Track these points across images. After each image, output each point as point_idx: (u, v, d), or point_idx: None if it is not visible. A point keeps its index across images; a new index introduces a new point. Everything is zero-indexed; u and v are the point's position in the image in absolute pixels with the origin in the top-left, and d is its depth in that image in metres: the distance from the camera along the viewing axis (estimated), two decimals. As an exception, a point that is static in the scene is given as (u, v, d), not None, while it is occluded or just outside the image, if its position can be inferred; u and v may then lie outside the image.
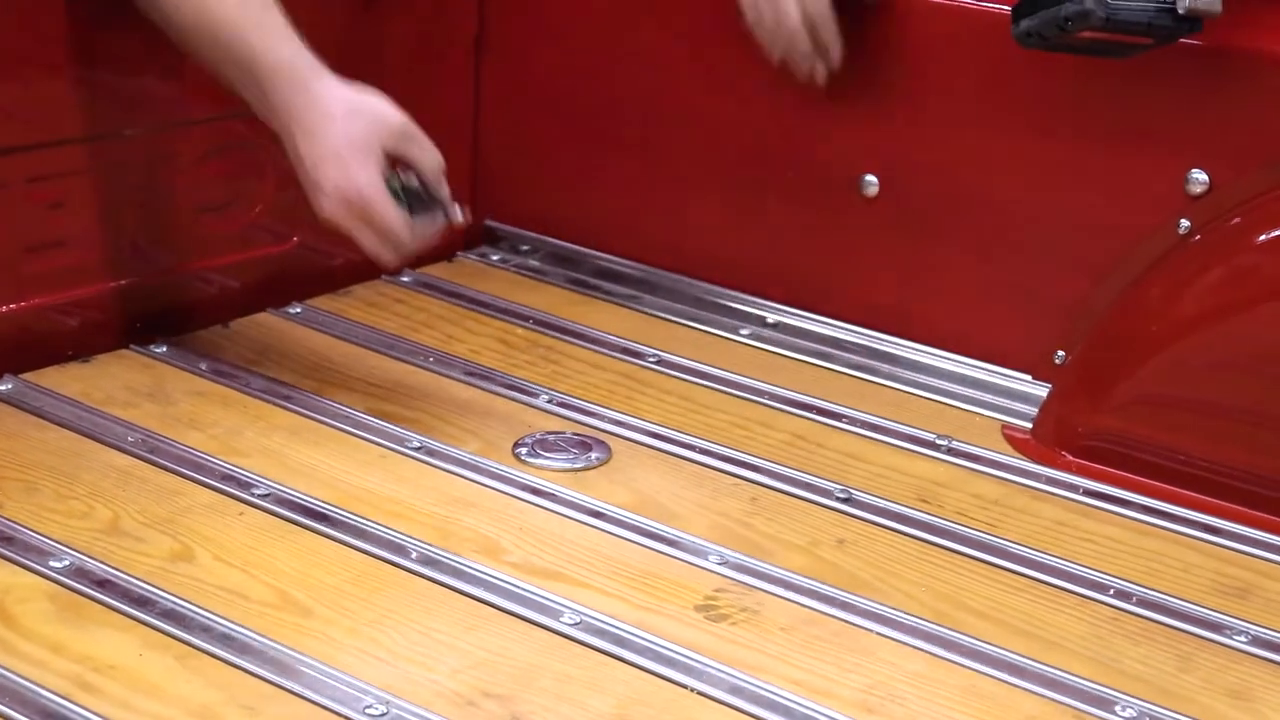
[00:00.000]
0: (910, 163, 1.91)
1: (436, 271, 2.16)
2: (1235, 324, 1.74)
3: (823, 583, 1.51)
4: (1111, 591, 1.53)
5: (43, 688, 1.30)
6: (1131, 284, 1.78)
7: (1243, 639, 1.47)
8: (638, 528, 1.59)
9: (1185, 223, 1.75)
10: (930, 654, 1.43)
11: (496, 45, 2.17)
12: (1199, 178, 1.74)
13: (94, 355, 1.86)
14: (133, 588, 1.45)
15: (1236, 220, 1.73)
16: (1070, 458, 1.75)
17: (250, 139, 1.96)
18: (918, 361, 1.93)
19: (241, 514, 1.58)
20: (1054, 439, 1.78)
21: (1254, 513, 1.66)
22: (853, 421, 1.81)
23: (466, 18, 2.15)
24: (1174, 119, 1.75)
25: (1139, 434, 1.74)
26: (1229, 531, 1.65)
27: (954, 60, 1.88)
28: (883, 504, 1.65)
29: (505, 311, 2.05)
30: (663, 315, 2.06)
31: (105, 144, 1.85)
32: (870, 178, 1.92)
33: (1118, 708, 1.37)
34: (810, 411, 1.83)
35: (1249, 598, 1.54)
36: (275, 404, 1.79)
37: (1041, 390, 1.84)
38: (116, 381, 1.82)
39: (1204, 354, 1.74)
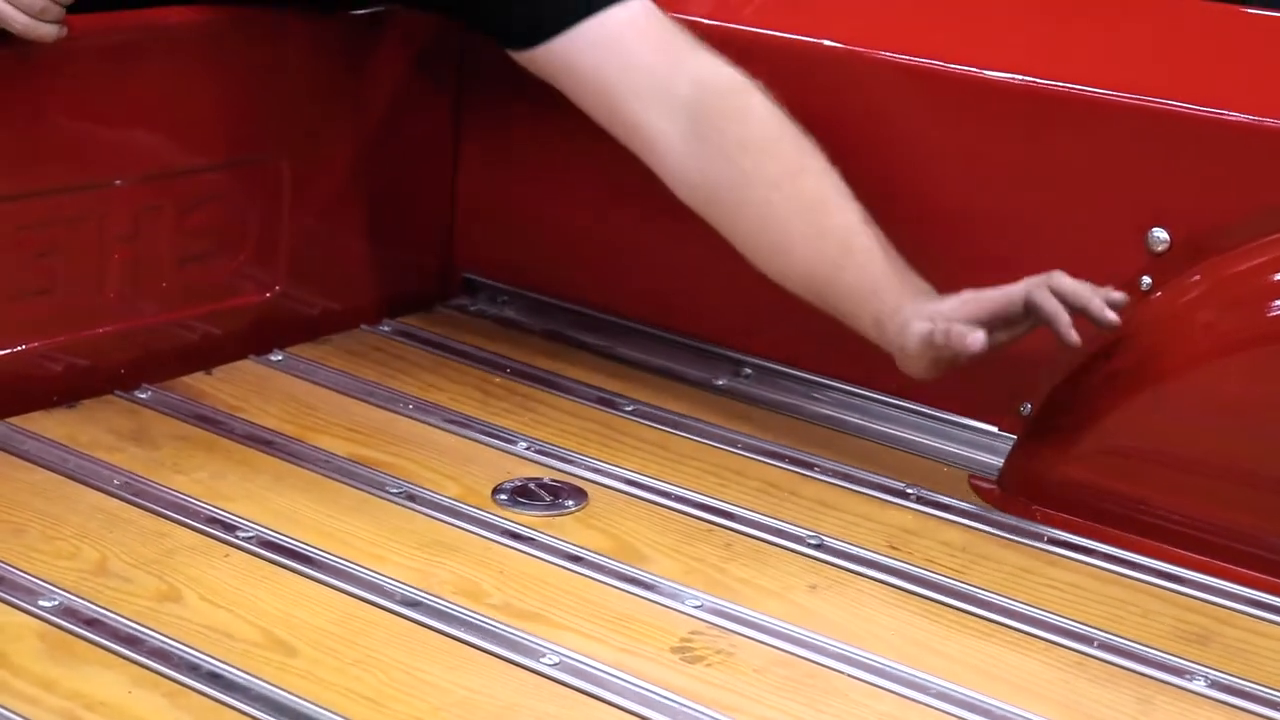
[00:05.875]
0: (881, 218, 1.95)
1: (415, 321, 2.19)
2: (1194, 378, 1.77)
3: (796, 626, 1.55)
4: (1075, 636, 1.57)
5: (35, 724, 1.33)
6: (1095, 338, 1.82)
7: (1202, 683, 1.51)
8: (615, 572, 1.62)
9: (1147, 279, 1.80)
10: (900, 695, 1.46)
11: (476, 99, 2.21)
12: (1160, 236, 1.79)
13: (79, 400, 1.89)
14: (121, 627, 1.47)
15: (1196, 278, 1.78)
16: (1035, 507, 1.79)
17: (234, 190, 2.01)
18: (887, 413, 1.97)
19: (227, 556, 1.61)
20: (1020, 489, 1.81)
21: (1213, 561, 1.70)
22: (825, 471, 1.85)
23: (447, 72, 2.19)
24: (1136, 179, 1.80)
25: (1102, 484, 1.77)
26: (1189, 579, 1.69)
27: (923, 118, 1.92)
28: (854, 550, 1.69)
29: (483, 361, 2.09)
30: (638, 365, 2.10)
31: (93, 194, 1.88)
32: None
33: (1082, 749, 1.41)
34: (783, 460, 1.87)
35: (1208, 643, 1.58)
36: (258, 449, 1.82)
37: (1007, 442, 1.87)
38: (102, 426, 1.85)
39: (1165, 407, 1.78)
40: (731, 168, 1.81)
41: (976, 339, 1.64)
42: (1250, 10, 1.88)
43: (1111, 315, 1.66)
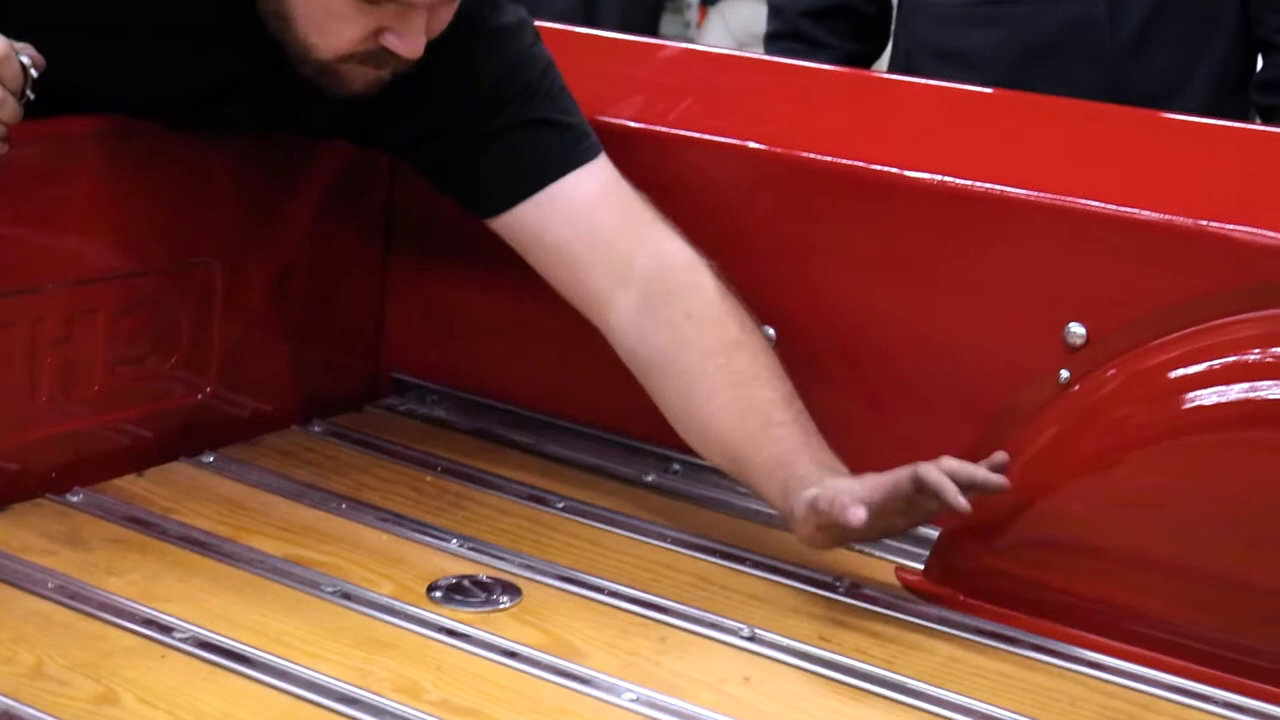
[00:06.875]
0: (805, 317, 1.99)
1: (345, 422, 2.21)
2: (1113, 470, 1.81)
3: (731, 717, 1.57)
4: (1004, 724, 1.60)
5: (-24, 827, 1.33)
6: (1015, 431, 1.87)
7: (1129, 769, 1.54)
8: (552, 666, 1.64)
9: (1065, 373, 1.84)
10: (835, 785, 1.49)
11: (405, 202, 2.24)
12: (1077, 331, 1.84)
13: (10, 504, 1.89)
14: (60, 730, 1.48)
15: (1112, 371, 1.83)
16: (961, 597, 1.82)
17: (166, 294, 2.02)
18: (815, 506, 1.99)
19: (164, 657, 1.61)
20: (945, 579, 1.84)
21: (1135, 649, 1.74)
22: (755, 564, 1.87)
23: (377, 175, 2.22)
24: (1053, 276, 1.85)
25: (1025, 574, 1.81)
26: (1113, 667, 1.72)
27: (848, 220, 1.97)
28: (786, 642, 1.71)
29: (414, 460, 2.10)
30: (568, 463, 2.12)
31: (25, 298, 1.89)
32: (768, 330, 2.00)
33: (1014, 834, 1.44)
34: (714, 555, 1.89)
35: (1133, 730, 1.61)
36: (192, 550, 1.83)
37: (932, 533, 1.90)
38: (34, 530, 1.85)
39: (1084, 499, 1.82)
40: (673, 336, 1.86)
41: (857, 513, 1.67)
42: (1165, 115, 1.95)
43: (998, 478, 1.72)
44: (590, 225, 1.90)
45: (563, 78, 1.96)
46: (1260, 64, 2.48)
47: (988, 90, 2.11)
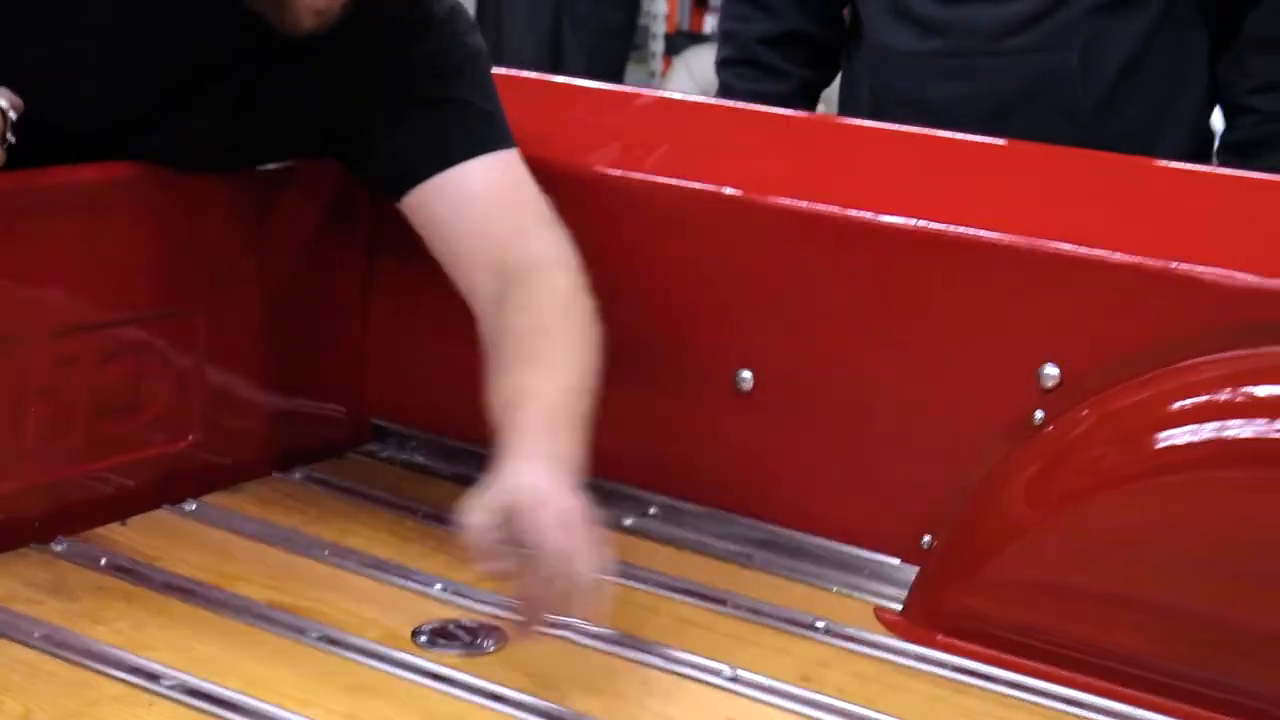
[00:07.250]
0: (783, 359, 2.02)
1: (326, 468, 2.22)
2: (1086, 510, 1.83)
3: (716, 757, 1.59)
4: (985, 761, 1.62)
5: None
6: (991, 472, 1.89)
7: (1108, 803, 1.56)
8: (537, 709, 1.65)
9: (1039, 414, 1.87)
10: (820, 823, 1.50)
11: (385, 248, 2.26)
12: (1051, 372, 1.87)
13: (-6, 553, 1.90)
14: (50, 778, 1.49)
15: (1086, 412, 1.85)
16: (940, 637, 1.84)
17: (151, 343, 2.04)
18: (794, 547, 2.01)
19: (151, 704, 1.62)
20: (924, 619, 1.86)
21: (1113, 686, 1.76)
22: (736, 606, 1.89)
23: (357, 222, 2.24)
24: (1027, 318, 1.88)
25: (1002, 614, 1.83)
26: (1088, 703, 1.74)
27: (825, 264, 2.00)
28: (768, 682, 1.73)
29: (396, 505, 2.12)
30: (548, 507, 2.14)
31: (8, 348, 1.90)
32: (745, 373, 2.03)
33: None
34: (694, 596, 1.91)
35: (1111, 764, 1.64)
36: (177, 598, 1.84)
37: (910, 573, 1.92)
38: (18, 579, 1.85)
39: (1059, 538, 1.84)
40: (500, 321, 1.88)
41: (471, 519, 1.67)
42: (1136, 159, 1.98)
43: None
44: (486, 212, 1.94)
45: (491, 73, 2.01)
46: (1228, 125, 2.51)
47: (960, 135, 2.13)
